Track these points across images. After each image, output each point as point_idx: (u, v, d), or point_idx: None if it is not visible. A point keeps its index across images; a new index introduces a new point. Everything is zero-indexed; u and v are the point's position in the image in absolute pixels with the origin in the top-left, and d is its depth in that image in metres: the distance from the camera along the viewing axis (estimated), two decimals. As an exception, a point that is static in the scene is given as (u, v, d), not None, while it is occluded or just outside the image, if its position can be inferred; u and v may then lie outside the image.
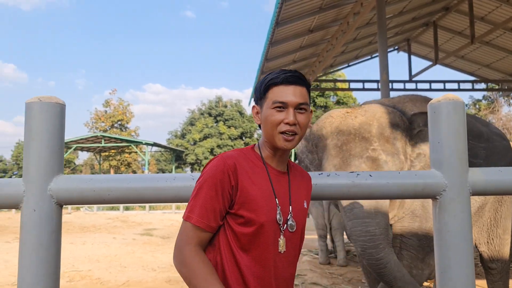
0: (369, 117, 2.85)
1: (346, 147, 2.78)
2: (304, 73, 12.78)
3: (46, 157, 1.38)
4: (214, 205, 1.26)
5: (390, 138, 2.81)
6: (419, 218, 2.97)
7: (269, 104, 1.32)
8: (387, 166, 2.71)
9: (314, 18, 8.66)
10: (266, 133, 1.34)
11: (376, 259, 2.63)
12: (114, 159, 32.56)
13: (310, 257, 7.03)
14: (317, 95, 30.07)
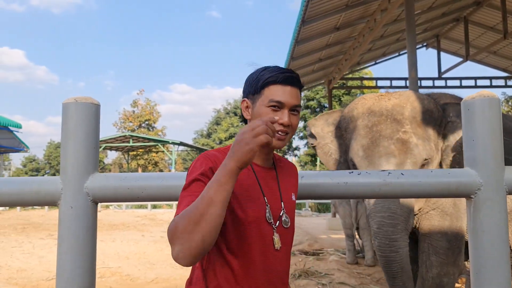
0: (403, 100, 2.78)
1: (377, 128, 2.71)
2: (330, 71, 12.70)
3: (82, 156, 1.42)
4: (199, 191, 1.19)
5: (422, 123, 2.72)
6: (450, 217, 2.89)
7: (264, 101, 1.29)
8: (417, 150, 2.62)
9: (340, 16, 8.57)
10: None
11: (391, 239, 2.49)
12: (141, 158, 33.15)
13: (337, 257, 6.98)
14: (343, 93, 29.74)
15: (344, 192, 1.47)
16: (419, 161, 2.62)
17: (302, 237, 9.44)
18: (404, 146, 2.62)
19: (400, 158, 2.60)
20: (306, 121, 32.37)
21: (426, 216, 2.96)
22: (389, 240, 2.50)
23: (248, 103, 1.34)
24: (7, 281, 5.69)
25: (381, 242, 2.53)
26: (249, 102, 1.34)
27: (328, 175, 1.46)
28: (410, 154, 2.61)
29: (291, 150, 38.86)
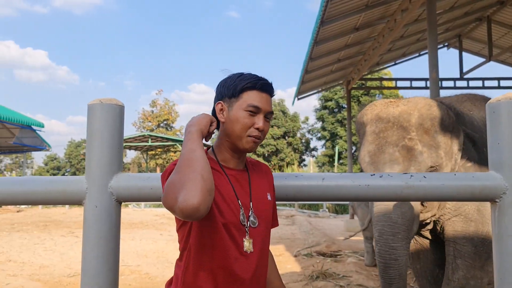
0: (411, 107, 2.77)
1: (383, 134, 2.73)
2: (349, 71, 12.61)
3: (107, 156, 1.45)
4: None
5: (430, 130, 2.70)
6: (474, 223, 2.85)
7: (242, 105, 1.34)
8: (422, 157, 2.61)
9: (360, 16, 8.51)
10: (232, 134, 1.35)
11: (391, 247, 2.54)
12: (160, 157, 33.50)
13: (356, 259, 6.92)
14: (362, 93, 29.49)
15: (365, 195, 1.46)
16: (423, 168, 2.62)
17: (319, 239, 9.40)
18: (409, 153, 2.62)
19: (404, 165, 2.61)
20: (324, 121, 32.19)
21: (449, 223, 2.93)
22: (388, 248, 2.56)
23: (224, 106, 1.37)
24: (30, 277, 5.82)
25: (381, 249, 2.59)
26: (224, 105, 1.37)
27: (350, 177, 1.46)
28: (414, 161, 2.61)
29: (309, 151, 38.71)
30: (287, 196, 1.48)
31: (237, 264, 1.31)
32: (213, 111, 1.41)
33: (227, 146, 1.38)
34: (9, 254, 7.18)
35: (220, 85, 1.40)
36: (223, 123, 1.37)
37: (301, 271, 6.22)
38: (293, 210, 18.95)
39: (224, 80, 1.40)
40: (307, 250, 7.88)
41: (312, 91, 13.75)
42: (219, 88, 1.40)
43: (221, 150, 1.40)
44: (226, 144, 1.38)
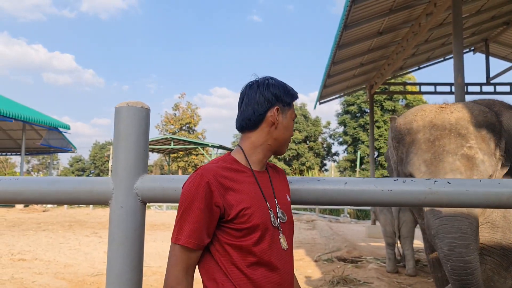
0: (467, 114, 2.66)
1: (439, 143, 2.59)
2: (372, 76, 12.49)
3: (132, 157, 1.48)
4: (202, 222, 1.26)
5: (486, 137, 2.61)
6: (501, 229, 2.80)
7: (292, 115, 1.43)
8: (484, 166, 2.51)
9: (383, 20, 8.42)
10: (280, 140, 1.40)
11: (465, 261, 2.35)
12: (182, 160, 33.82)
13: (377, 265, 6.83)
14: (385, 98, 29.13)
15: (388, 200, 1.45)
16: (486, 177, 2.51)
17: (340, 244, 9.31)
18: (470, 162, 2.51)
19: (466, 175, 2.49)
20: (346, 126, 31.92)
21: None
22: (463, 263, 2.36)
23: (279, 111, 1.39)
24: (55, 275, 5.96)
25: (455, 265, 2.38)
26: (279, 110, 1.39)
27: (372, 182, 1.45)
28: (476, 171, 2.50)
29: (330, 156, 38.42)
30: (309, 200, 1.49)
31: (281, 265, 1.33)
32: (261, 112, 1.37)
33: (267, 149, 1.40)
34: (35, 253, 7.37)
35: (274, 89, 1.39)
36: (273, 127, 1.38)
37: (321, 276, 6.18)
38: (314, 215, 18.82)
39: (277, 86, 1.40)
40: (327, 255, 7.82)
41: (334, 95, 13.66)
42: (274, 91, 1.38)
43: (257, 152, 1.39)
44: (268, 147, 1.39)
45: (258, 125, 1.37)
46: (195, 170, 1.33)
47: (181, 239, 1.25)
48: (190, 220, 1.25)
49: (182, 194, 1.29)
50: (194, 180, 1.27)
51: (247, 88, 1.42)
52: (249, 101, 1.39)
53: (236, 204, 1.28)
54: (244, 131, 1.41)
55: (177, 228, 1.27)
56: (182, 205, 1.27)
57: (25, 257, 7.05)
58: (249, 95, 1.40)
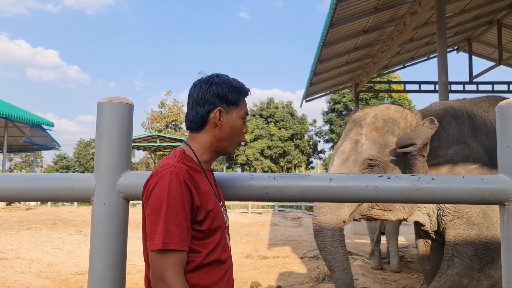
0: (372, 109, 3.14)
1: (348, 132, 3.11)
2: (357, 74, 12.58)
3: (115, 154, 1.45)
4: (188, 223, 1.21)
5: (381, 129, 2.95)
6: (477, 226, 2.84)
7: (240, 113, 1.36)
8: (361, 148, 2.89)
9: (369, 19, 8.49)
10: (227, 140, 1.36)
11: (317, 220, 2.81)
12: (167, 158, 33.61)
13: (362, 262, 6.89)
14: (371, 96, 29.37)
15: (373, 196, 1.45)
16: (360, 158, 2.86)
17: (326, 241, 9.36)
18: (354, 145, 2.94)
19: (347, 155, 2.92)
20: (332, 124, 32.12)
21: (451, 225, 2.95)
22: (315, 221, 2.84)
23: (223, 112, 1.33)
24: (38, 274, 5.87)
25: (312, 221, 2.92)
26: (223, 111, 1.33)
27: (357, 179, 1.45)
28: (355, 152, 2.90)
29: (316, 153, 38.62)
30: (295, 197, 1.48)
31: (230, 263, 1.37)
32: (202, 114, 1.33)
33: (213, 150, 1.36)
34: (17, 252, 7.25)
35: (217, 89, 1.33)
36: (217, 128, 1.33)
37: (307, 272, 6.20)
38: (300, 212, 18.90)
39: (220, 85, 1.34)
40: (313, 252, 7.85)
41: (321, 93, 13.73)
42: (217, 91, 1.33)
43: (205, 153, 1.36)
44: (213, 148, 1.36)
45: (203, 126, 1.34)
46: (160, 169, 1.24)
47: (173, 243, 1.17)
48: (177, 221, 1.18)
49: (159, 195, 1.19)
50: (171, 179, 1.20)
51: (192, 88, 1.38)
52: (192, 102, 1.35)
53: (205, 205, 1.26)
54: (191, 131, 1.38)
55: (161, 232, 1.17)
56: (162, 206, 1.18)
57: (7, 256, 6.92)
58: (193, 95, 1.36)
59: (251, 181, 1.48)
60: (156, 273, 1.17)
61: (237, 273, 6.23)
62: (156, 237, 1.17)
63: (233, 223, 14.28)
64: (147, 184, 1.25)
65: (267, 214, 19.03)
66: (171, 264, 1.17)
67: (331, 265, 2.78)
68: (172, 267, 1.17)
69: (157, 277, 1.17)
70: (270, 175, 1.49)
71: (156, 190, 1.20)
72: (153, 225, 1.19)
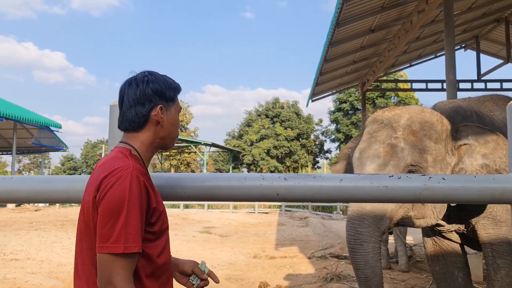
0: (403, 111, 2.94)
1: (375, 134, 2.89)
2: (364, 73, 12.55)
3: (128, 155, 1.48)
4: (142, 226, 1.19)
5: (418, 132, 2.81)
6: (505, 223, 2.87)
7: (176, 109, 1.38)
8: (402, 154, 2.73)
9: (375, 18, 8.47)
10: (169, 136, 1.36)
11: (356, 231, 2.64)
12: (174, 158, 33.74)
13: (370, 262, 6.87)
14: (377, 95, 29.29)
15: (383, 196, 1.46)
16: (402, 164, 2.72)
17: (333, 241, 9.35)
18: (391, 149, 2.75)
19: (384, 160, 2.74)
20: (339, 124, 32.05)
21: (479, 226, 2.95)
22: (354, 232, 2.64)
23: (163, 108, 1.33)
24: (48, 275, 5.92)
25: (348, 233, 2.69)
26: (163, 108, 1.33)
27: (368, 179, 1.46)
28: (394, 157, 2.74)
29: (323, 153, 38.56)
30: (305, 197, 1.49)
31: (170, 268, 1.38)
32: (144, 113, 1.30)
33: (154, 147, 1.35)
34: (28, 252, 7.31)
35: (154, 86, 1.31)
36: (159, 125, 1.32)
37: (315, 272, 6.20)
38: (307, 212, 18.89)
39: (157, 82, 1.32)
40: (321, 252, 7.85)
41: (327, 92, 13.72)
42: (155, 88, 1.31)
43: (147, 151, 1.34)
44: (156, 145, 1.35)
45: (144, 125, 1.31)
46: (117, 168, 1.20)
47: (134, 247, 1.14)
48: (136, 224, 1.15)
49: (119, 195, 1.15)
50: (131, 180, 1.17)
51: (126, 87, 1.33)
52: (130, 102, 1.31)
53: (157, 206, 1.26)
54: (129, 131, 1.34)
55: (122, 235, 1.13)
56: (122, 207, 1.14)
57: (17, 256, 6.99)
58: (129, 94, 1.31)
59: (262, 182, 1.49)
60: (106, 276, 1.13)
61: (245, 273, 6.24)
62: (113, 239, 1.13)
63: (240, 223, 14.31)
64: (101, 183, 1.19)
65: (273, 214, 19.05)
66: (122, 268, 1.13)
67: (369, 279, 2.60)
68: (122, 271, 1.13)
69: (106, 281, 1.13)
70: (280, 176, 1.50)
71: (114, 190, 1.16)
72: (108, 226, 1.14)
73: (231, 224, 13.96)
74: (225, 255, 7.76)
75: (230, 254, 7.92)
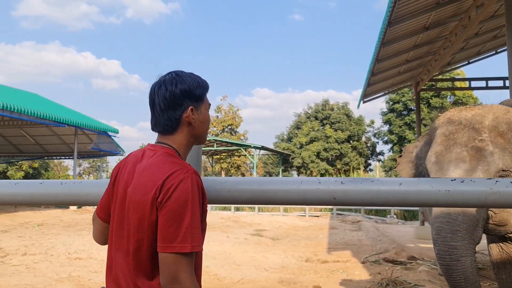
0: (485, 111, 2.69)
1: (453, 136, 2.66)
2: (418, 72, 12.13)
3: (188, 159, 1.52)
4: (202, 226, 1.27)
5: (505, 133, 2.57)
6: None
7: (207, 107, 1.41)
8: (492, 158, 2.48)
9: (430, 15, 8.15)
10: (202, 134, 1.41)
11: (450, 246, 2.36)
12: (224, 161, 34.23)
13: (428, 267, 6.62)
14: (432, 95, 28.15)
15: (445, 201, 1.41)
16: (493, 169, 2.46)
17: (388, 245, 9.10)
18: (478, 153, 2.50)
19: (471, 164, 2.49)
20: (392, 125, 31.14)
21: None
22: (448, 247, 2.36)
23: (193, 109, 1.36)
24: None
25: (440, 249, 2.40)
26: (194, 109, 1.36)
27: (429, 183, 1.42)
28: (483, 161, 2.48)
29: (375, 155, 37.61)
30: (363, 201, 1.47)
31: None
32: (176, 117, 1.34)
33: (189, 146, 1.42)
34: (90, 252, 7.70)
35: (183, 86, 1.34)
36: (191, 126, 1.37)
37: (369, 278, 6.07)
38: (359, 216, 18.49)
39: (185, 82, 1.35)
40: (375, 257, 7.67)
41: (379, 93, 13.37)
42: (184, 89, 1.33)
43: (184, 150, 1.40)
44: (191, 143, 1.41)
45: (177, 128, 1.36)
46: (177, 170, 1.24)
47: (197, 246, 1.20)
48: (198, 224, 1.22)
49: (183, 196, 1.20)
50: (192, 181, 1.22)
51: (156, 90, 1.36)
52: (161, 106, 1.33)
53: (205, 206, 1.33)
54: (164, 134, 1.38)
55: (188, 235, 1.18)
56: (186, 208, 1.19)
57: (81, 256, 7.39)
58: (159, 98, 1.34)
59: (318, 186, 1.48)
60: (172, 274, 1.16)
61: (297, 277, 6.22)
62: (180, 239, 1.17)
63: (290, 227, 14.26)
64: (163, 184, 1.22)
65: (325, 217, 18.82)
66: (187, 265, 1.18)
67: None
68: (188, 268, 1.18)
69: (172, 279, 1.16)
70: (337, 180, 1.49)
71: (179, 191, 1.20)
72: (173, 226, 1.18)
73: (282, 227, 13.95)
74: (277, 258, 7.77)
75: (282, 257, 7.91)
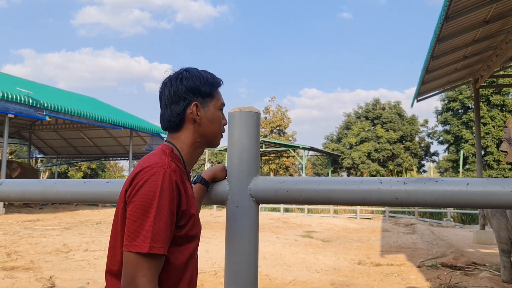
0: None
1: None
2: (477, 69, 11.56)
3: (246, 160, 1.55)
4: (172, 226, 1.14)
5: None
6: None
7: (217, 105, 1.34)
8: None
9: (490, 7, 7.74)
10: (211, 133, 1.33)
11: None
12: (273, 162, 34.28)
13: (490, 274, 6.28)
14: (492, 92, 26.67)
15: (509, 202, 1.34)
16: None
17: (445, 249, 8.73)
18: None
19: None
20: (449, 124, 29.85)
21: None
22: None
23: (199, 106, 1.30)
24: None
25: None
26: (199, 105, 1.30)
27: (499, 183, 1.35)
28: None
29: (429, 156, 36.20)
30: (427, 202, 1.42)
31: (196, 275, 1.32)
32: (179, 111, 1.29)
33: (198, 146, 1.34)
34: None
35: (188, 83, 1.30)
36: (196, 124, 1.31)
37: (426, 283, 5.85)
38: (413, 219, 17.87)
39: (191, 78, 1.31)
40: (431, 261, 7.38)
41: (434, 91, 12.86)
42: (188, 85, 1.30)
43: (189, 152, 1.32)
44: (198, 144, 1.33)
45: (182, 124, 1.30)
46: (151, 164, 1.17)
47: (159, 248, 1.09)
48: (164, 224, 1.11)
49: (149, 192, 1.11)
50: (164, 178, 1.13)
51: (162, 87, 1.34)
52: (165, 101, 1.30)
53: (189, 209, 1.21)
54: (171, 131, 1.33)
55: (148, 234, 1.08)
56: (151, 205, 1.10)
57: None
58: (164, 94, 1.32)
59: (380, 186, 1.46)
60: (130, 275, 1.08)
61: (350, 279, 6.11)
62: (140, 238, 1.08)
63: (341, 228, 14.04)
64: (134, 178, 1.16)
65: (377, 220, 18.36)
66: (147, 268, 1.09)
67: None
68: (147, 272, 1.08)
69: (130, 280, 1.08)
70: (399, 180, 1.46)
71: (146, 187, 1.12)
72: (136, 223, 1.10)
73: (332, 229, 13.77)
74: (328, 260, 7.68)
75: (334, 260, 7.81)
